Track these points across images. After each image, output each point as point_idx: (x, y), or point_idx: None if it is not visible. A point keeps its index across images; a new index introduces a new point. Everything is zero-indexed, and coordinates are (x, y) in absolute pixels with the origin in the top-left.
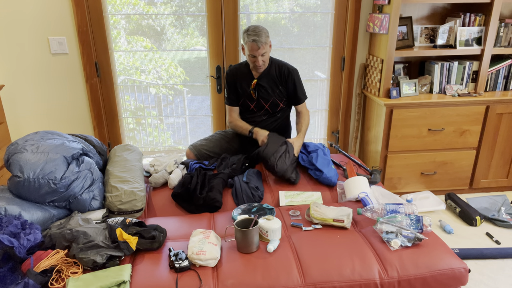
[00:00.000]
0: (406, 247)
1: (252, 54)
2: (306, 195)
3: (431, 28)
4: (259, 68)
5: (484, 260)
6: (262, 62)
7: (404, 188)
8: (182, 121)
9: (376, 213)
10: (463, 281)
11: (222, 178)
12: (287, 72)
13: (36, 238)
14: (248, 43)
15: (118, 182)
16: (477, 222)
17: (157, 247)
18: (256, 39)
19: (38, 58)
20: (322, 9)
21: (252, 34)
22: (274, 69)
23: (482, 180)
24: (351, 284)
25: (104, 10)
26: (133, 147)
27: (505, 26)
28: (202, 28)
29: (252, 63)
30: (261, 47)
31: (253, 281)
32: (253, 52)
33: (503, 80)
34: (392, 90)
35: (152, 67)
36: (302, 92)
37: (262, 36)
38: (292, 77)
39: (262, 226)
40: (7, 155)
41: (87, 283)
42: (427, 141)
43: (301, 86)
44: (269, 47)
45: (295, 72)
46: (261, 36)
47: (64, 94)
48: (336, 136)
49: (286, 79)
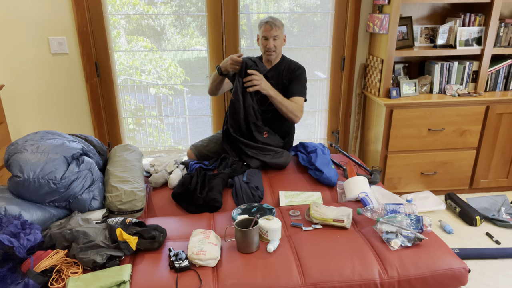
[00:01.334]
0: (406, 247)
1: (265, 36)
2: (306, 195)
3: (431, 28)
4: (270, 54)
5: (484, 260)
6: (274, 47)
7: (404, 188)
8: (182, 121)
9: (376, 213)
10: (463, 281)
11: (222, 178)
12: (296, 67)
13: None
14: (262, 26)
15: (118, 182)
16: (477, 222)
17: (157, 247)
18: (270, 21)
19: (38, 58)
20: (322, 9)
21: (268, 18)
22: (284, 64)
23: (482, 180)
24: (351, 284)
25: (104, 10)
26: (133, 147)
27: (505, 26)
28: (202, 28)
29: (264, 47)
30: (274, 28)
31: (253, 281)
32: (266, 32)
33: (503, 80)
34: (392, 90)
35: (152, 67)
36: (299, 88)
37: (276, 21)
38: (297, 73)
39: (262, 226)
40: (7, 155)
41: (87, 283)
42: (427, 141)
43: (301, 84)
44: (282, 36)
45: (302, 70)
46: (276, 20)
47: (64, 94)
48: (336, 136)
49: (292, 73)
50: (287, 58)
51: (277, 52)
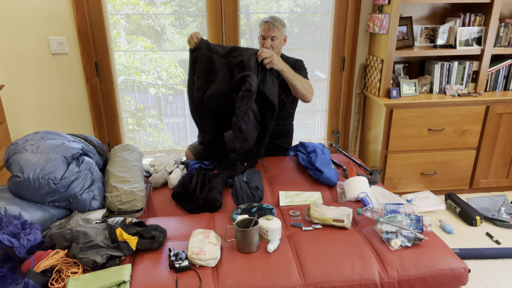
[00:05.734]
0: (406, 247)
1: (263, 35)
2: (306, 195)
3: (431, 28)
4: None
5: (484, 260)
6: (270, 47)
7: (404, 188)
8: (182, 121)
9: (376, 213)
10: (463, 281)
11: (222, 178)
12: (294, 61)
13: (36, 238)
14: (262, 25)
15: (118, 182)
16: (477, 222)
17: (157, 247)
18: (269, 21)
19: (38, 58)
20: (322, 9)
21: (268, 18)
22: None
23: (482, 180)
24: (351, 284)
25: (104, 10)
26: (133, 147)
27: (505, 26)
28: (202, 28)
29: (261, 46)
30: (272, 29)
31: (253, 281)
32: (264, 32)
33: (503, 80)
34: (392, 90)
35: (152, 67)
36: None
37: (276, 21)
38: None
39: (262, 226)
40: (7, 155)
41: (87, 283)
42: (427, 141)
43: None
44: (282, 36)
45: (301, 62)
46: (275, 21)
47: (64, 94)
48: (336, 136)
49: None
50: (285, 55)
51: (275, 52)
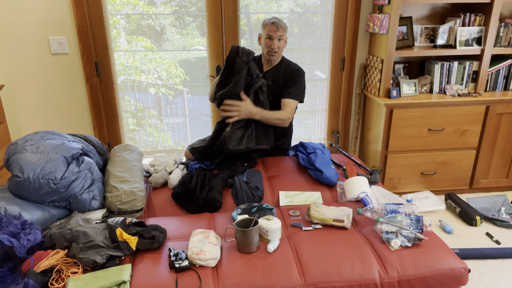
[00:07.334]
0: (406, 247)
1: (270, 36)
2: (306, 195)
3: (431, 28)
4: (272, 55)
5: (484, 260)
6: (277, 48)
7: (404, 188)
8: (182, 121)
9: (376, 213)
10: (463, 281)
11: (222, 178)
12: (295, 70)
13: (36, 238)
14: (267, 26)
15: (118, 182)
16: (477, 222)
17: (157, 247)
18: (276, 21)
19: (38, 58)
20: (322, 9)
21: (273, 18)
22: (283, 66)
23: (482, 180)
24: (351, 284)
25: (104, 10)
26: (133, 147)
27: (505, 26)
28: (202, 28)
29: (267, 47)
30: (280, 29)
31: (253, 281)
32: (271, 32)
33: (503, 80)
34: (392, 90)
35: (152, 67)
36: (294, 91)
37: (282, 23)
38: (295, 75)
39: (262, 226)
40: (7, 155)
41: (87, 283)
42: (427, 141)
43: (298, 87)
44: (285, 38)
45: (301, 73)
46: (281, 22)
47: (64, 94)
48: (336, 136)
49: (291, 75)
50: (287, 60)
51: (279, 54)
